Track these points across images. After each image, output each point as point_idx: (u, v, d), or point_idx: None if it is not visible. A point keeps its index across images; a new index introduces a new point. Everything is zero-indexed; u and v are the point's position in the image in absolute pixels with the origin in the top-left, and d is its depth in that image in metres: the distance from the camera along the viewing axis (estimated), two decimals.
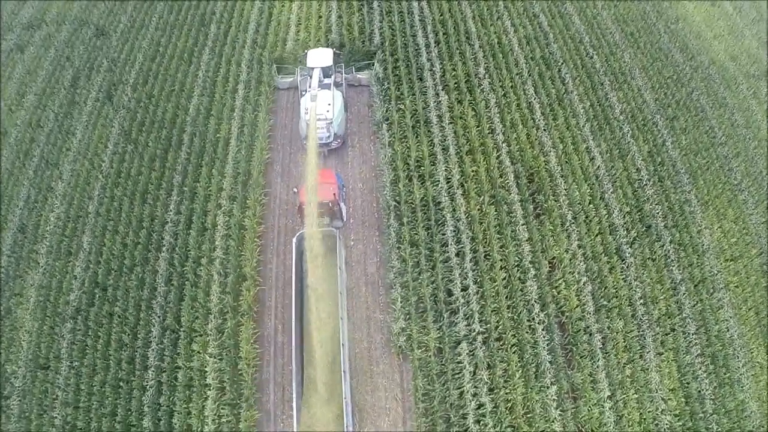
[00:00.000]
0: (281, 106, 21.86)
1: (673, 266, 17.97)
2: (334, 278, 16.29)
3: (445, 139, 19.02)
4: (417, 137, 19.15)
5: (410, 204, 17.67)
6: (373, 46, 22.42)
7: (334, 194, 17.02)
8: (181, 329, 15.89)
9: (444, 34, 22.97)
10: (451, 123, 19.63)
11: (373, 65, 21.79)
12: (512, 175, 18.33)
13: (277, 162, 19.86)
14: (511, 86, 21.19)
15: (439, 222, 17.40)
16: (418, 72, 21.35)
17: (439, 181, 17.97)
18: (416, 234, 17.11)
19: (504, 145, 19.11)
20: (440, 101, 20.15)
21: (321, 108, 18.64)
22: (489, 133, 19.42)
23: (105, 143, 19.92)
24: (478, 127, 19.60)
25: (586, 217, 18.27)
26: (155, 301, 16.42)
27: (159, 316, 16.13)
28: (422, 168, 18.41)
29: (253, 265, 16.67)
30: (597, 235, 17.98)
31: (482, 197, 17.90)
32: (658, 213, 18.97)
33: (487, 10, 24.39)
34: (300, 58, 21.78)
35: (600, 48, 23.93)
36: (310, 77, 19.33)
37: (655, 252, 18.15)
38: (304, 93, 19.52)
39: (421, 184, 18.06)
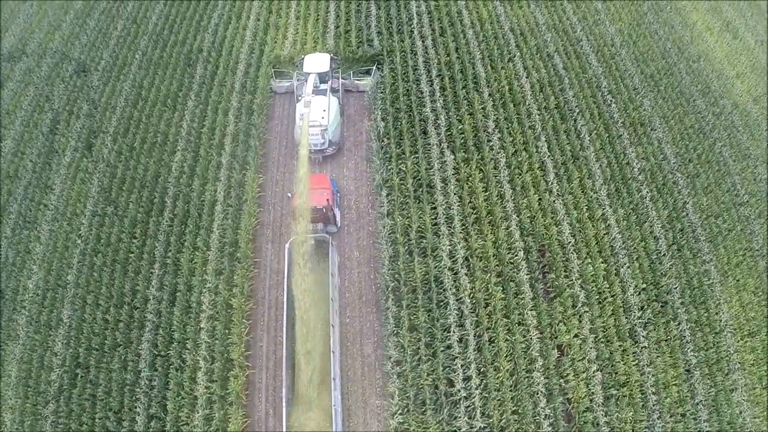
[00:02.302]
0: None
1: (688, 347, 16.92)
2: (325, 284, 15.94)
3: (449, 208, 17.63)
4: (419, 204, 17.75)
5: (410, 283, 16.44)
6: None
7: (328, 200, 16.82)
8: (167, 418, 14.95)
9: (450, 79, 21.21)
10: (456, 187, 18.19)
11: (372, 71, 21.43)
12: (522, 251, 17.03)
13: (267, 224, 18.51)
14: (523, 142, 19.65)
15: (441, 304, 16.21)
16: (422, 125, 19.74)
17: (442, 257, 16.70)
18: (416, 318, 15.96)
19: (514, 214, 17.74)
20: (445, 161, 18.64)
21: (315, 114, 18.43)
22: (498, 199, 18.01)
23: (84, 202, 18.54)
24: (485, 191, 18.17)
25: (600, 297, 17.09)
26: (139, 386, 15.42)
27: (144, 404, 15.16)
28: (424, 240, 17.09)
29: (242, 350, 15.60)
30: (610, 316, 16.85)
31: (488, 275, 16.67)
32: (675, 288, 17.80)
33: (498, 49, 22.57)
34: (297, 63, 21.36)
35: (619, 93, 22.25)
36: (306, 82, 19.09)
37: (670, 332, 17.06)
38: (300, 98, 19.18)
39: (423, 259, 16.78)
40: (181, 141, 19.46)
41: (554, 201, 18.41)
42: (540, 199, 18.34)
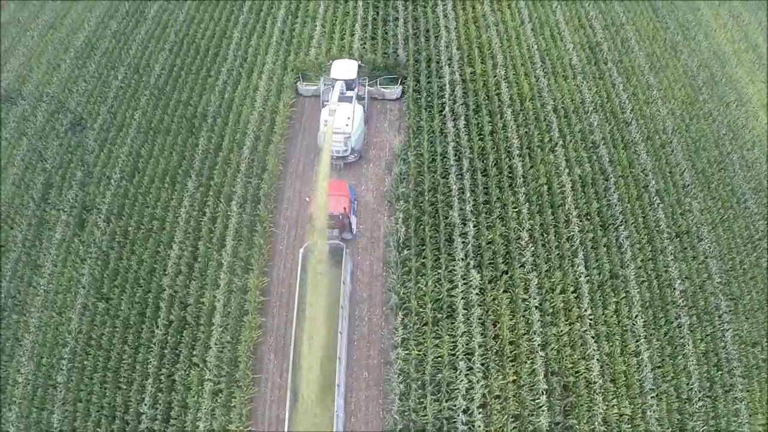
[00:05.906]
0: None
1: None
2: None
3: (470, 339, 16.02)
4: (437, 331, 16.16)
5: (420, 423, 15.09)
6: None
7: (345, 207, 17.02)
8: None
9: (483, 174, 19.03)
10: (480, 312, 16.50)
11: (399, 82, 21.50)
12: (545, 395, 15.56)
13: (270, 331, 17.02)
14: (558, 257, 17.73)
15: None
16: (447, 231, 17.79)
17: (457, 396, 15.28)
18: None
19: (540, 349, 16.14)
20: (470, 281, 16.87)
21: (340, 122, 18.55)
22: (525, 328, 16.36)
23: (74, 293, 17.09)
24: (512, 318, 16.51)
25: None
26: None
27: None
28: (440, 375, 15.63)
29: None
30: None
31: (506, 417, 15.29)
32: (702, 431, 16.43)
33: (539, 135, 20.25)
34: (325, 68, 21.01)
35: (667, 194, 20.07)
36: (333, 89, 19.26)
37: None
38: (325, 104, 19.41)
39: (436, 398, 15.36)
40: (179, 231, 17.69)
41: (585, 331, 16.75)
42: (570, 329, 16.68)
